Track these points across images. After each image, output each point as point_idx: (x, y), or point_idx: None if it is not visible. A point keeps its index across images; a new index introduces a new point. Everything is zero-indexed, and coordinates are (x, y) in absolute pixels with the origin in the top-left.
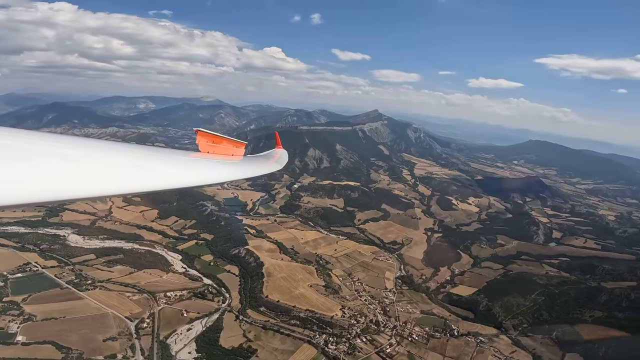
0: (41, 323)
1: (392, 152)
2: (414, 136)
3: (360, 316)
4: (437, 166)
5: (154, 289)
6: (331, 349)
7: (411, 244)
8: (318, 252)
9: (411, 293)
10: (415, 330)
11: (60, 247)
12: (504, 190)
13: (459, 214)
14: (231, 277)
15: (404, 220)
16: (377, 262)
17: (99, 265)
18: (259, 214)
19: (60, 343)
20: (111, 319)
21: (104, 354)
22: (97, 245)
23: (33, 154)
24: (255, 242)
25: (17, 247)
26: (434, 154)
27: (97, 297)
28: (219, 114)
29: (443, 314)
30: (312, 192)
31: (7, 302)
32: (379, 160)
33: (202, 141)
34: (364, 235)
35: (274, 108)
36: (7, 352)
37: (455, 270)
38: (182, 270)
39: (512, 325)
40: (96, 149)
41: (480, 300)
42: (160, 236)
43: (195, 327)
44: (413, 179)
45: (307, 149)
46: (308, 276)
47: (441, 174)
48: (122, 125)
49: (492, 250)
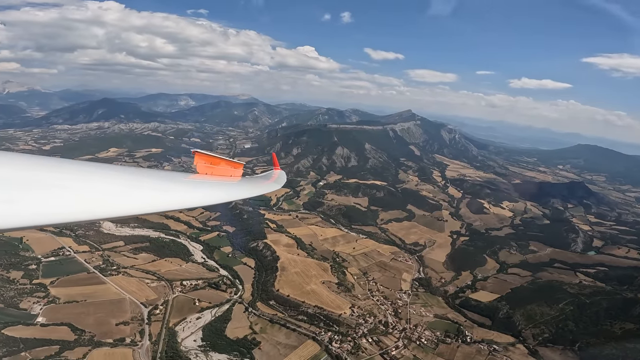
0: (63, 305)
1: (424, 152)
2: (448, 137)
3: (370, 316)
4: (471, 168)
5: (172, 277)
6: (335, 347)
7: (434, 246)
8: (336, 250)
9: (427, 296)
10: (425, 334)
11: (94, 234)
12: (543, 195)
13: (490, 217)
14: (246, 270)
15: (429, 222)
16: (395, 263)
17: (126, 252)
18: (281, 209)
19: (76, 325)
20: (127, 304)
21: (113, 337)
22: (127, 233)
23: (33, 181)
24: (274, 236)
25: (55, 232)
26: (469, 155)
27: (118, 283)
28: (253, 111)
29: (458, 319)
30: (336, 190)
31: (35, 284)
32: (409, 160)
33: (200, 162)
34: (385, 235)
35: (306, 107)
36: (26, 332)
37: (478, 275)
38: (201, 261)
39: (531, 335)
40: (98, 172)
41: (501, 307)
42: (185, 226)
43: (204, 316)
44: (444, 180)
45: (335, 147)
46: (322, 273)
47: (475, 177)
48: (163, 121)
49: (522, 256)
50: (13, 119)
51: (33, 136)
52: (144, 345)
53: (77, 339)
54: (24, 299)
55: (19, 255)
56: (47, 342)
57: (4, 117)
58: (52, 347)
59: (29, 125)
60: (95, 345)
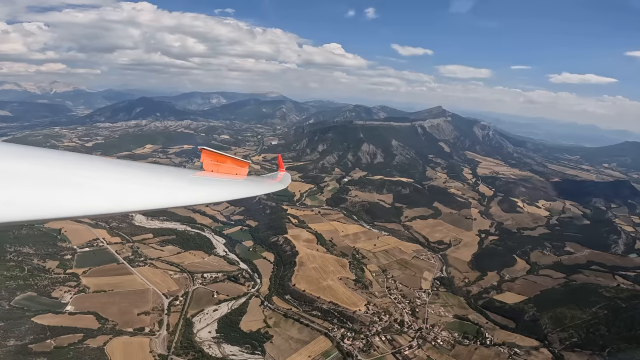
0: (91, 295)
1: (454, 149)
2: (481, 134)
3: (385, 314)
4: (505, 166)
5: (194, 269)
6: (346, 344)
7: (459, 245)
8: (356, 246)
9: (448, 296)
10: (442, 335)
11: (126, 226)
12: (585, 195)
13: (524, 217)
14: (266, 264)
15: (456, 220)
16: (416, 261)
17: (154, 244)
18: (304, 204)
19: (101, 314)
20: (150, 294)
21: (134, 327)
22: (157, 226)
23: (48, 176)
24: (295, 231)
25: (91, 224)
26: (504, 153)
27: (144, 274)
28: (281, 108)
29: (479, 320)
30: (361, 187)
31: (69, 273)
32: (438, 157)
33: (207, 160)
34: (409, 232)
35: (334, 104)
36: (54, 320)
37: (505, 276)
38: (223, 254)
39: (558, 339)
40: (104, 168)
41: (528, 309)
42: (210, 220)
43: (221, 308)
44: (474, 178)
45: (360, 144)
46: (340, 269)
47: (509, 174)
48: (195, 119)
49: (556, 257)
50: (59, 118)
51: (77, 134)
52: (161, 335)
53: (100, 327)
54: (57, 288)
55: (57, 246)
56: (72, 330)
57: (51, 116)
58: (76, 335)
59: (74, 123)
60: (116, 334)
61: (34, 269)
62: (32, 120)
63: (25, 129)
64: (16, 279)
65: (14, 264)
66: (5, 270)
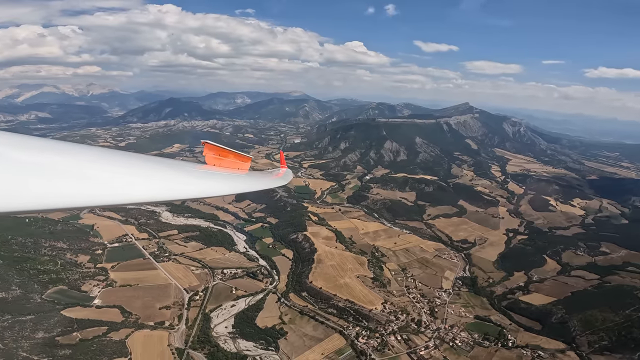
0: (118, 289)
1: (482, 146)
2: (511, 130)
3: (402, 313)
4: (537, 163)
5: (215, 265)
6: (361, 343)
7: (485, 244)
8: (376, 244)
9: (470, 296)
10: (461, 336)
11: (153, 222)
12: (624, 193)
13: (556, 216)
14: (284, 261)
15: (482, 219)
16: (438, 260)
17: (178, 240)
18: (325, 202)
19: (125, 308)
20: (172, 289)
21: (155, 320)
22: (182, 222)
23: (48, 165)
24: (314, 228)
25: (121, 220)
26: (536, 150)
27: (167, 269)
28: (304, 107)
29: (502, 322)
30: (383, 184)
31: (99, 268)
32: (464, 154)
33: (209, 154)
34: (431, 231)
35: (357, 102)
36: (81, 313)
37: (533, 277)
38: (243, 250)
39: (586, 342)
40: (105, 159)
41: (556, 311)
42: (232, 217)
43: (239, 304)
44: (503, 175)
45: (383, 142)
46: (358, 267)
47: (541, 172)
48: (221, 118)
49: (590, 258)
50: (96, 119)
51: (111, 134)
52: (180, 329)
53: (123, 320)
54: (86, 282)
55: (89, 241)
56: (98, 323)
57: (87, 117)
58: (101, 328)
59: (109, 124)
60: (138, 327)
61: (66, 263)
62: (70, 121)
63: (64, 130)
64: (49, 272)
65: (48, 258)
66: (40, 264)
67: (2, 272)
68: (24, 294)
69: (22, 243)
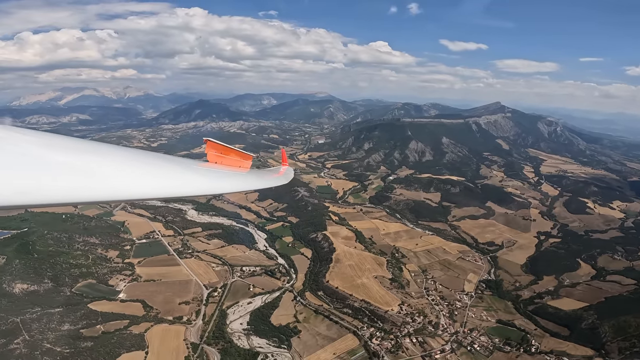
0: (142, 283)
1: (514, 146)
2: (547, 130)
3: (419, 315)
4: (575, 164)
5: (235, 262)
6: (374, 344)
7: (513, 247)
8: (396, 245)
9: (493, 299)
10: (480, 340)
11: (179, 220)
12: None
13: (594, 218)
14: (303, 260)
15: (511, 221)
16: (461, 262)
17: (202, 237)
18: (347, 202)
19: (147, 302)
20: (193, 285)
21: (174, 315)
22: (206, 220)
23: (54, 161)
24: (334, 228)
25: (150, 217)
26: (574, 150)
27: (190, 265)
28: (328, 108)
29: (527, 326)
30: (406, 185)
31: (126, 263)
32: (495, 155)
33: (211, 152)
34: (456, 232)
35: (382, 102)
36: (106, 307)
37: (564, 281)
38: (263, 249)
39: (617, 348)
40: (107, 156)
41: (587, 316)
42: (254, 216)
43: (255, 302)
44: (537, 176)
45: (408, 142)
46: (376, 267)
47: (578, 173)
48: (247, 119)
49: (629, 262)
50: (131, 120)
51: (145, 135)
52: (197, 324)
53: (144, 314)
54: (114, 276)
55: (119, 237)
56: (121, 317)
57: (124, 119)
58: (123, 321)
59: (143, 125)
60: (157, 322)
61: (97, 258)
62: (108, 123)
63: (102, 131)
64: (80, 267)
65: (81, 252)
66: (72, 258)
67: (37, 265)
68: (55, 287)
69: (57, 238)
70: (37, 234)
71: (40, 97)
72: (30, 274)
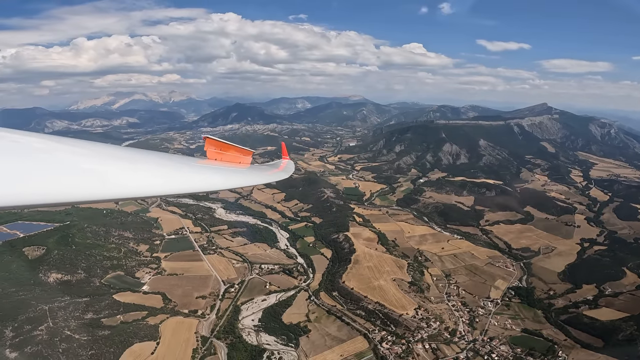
0: (165, 277)
1: (561, 149)
2: (599, 132)
3: (436, 321)
4: (630, 168)
5: (255, 260)
6: (384, 348)
7: (551, 253)
8: (420, 248)
9: (521, 307)
10: (500, 349)
11: (208, 218)
12: None
13: None
14: (322, 260)
15: (551, 227)
16: (490, 268)
17: (227, 235)
18: (373, 204)
19: (167, 295)
20: (212, 280)
21: (189, 308)
22: (233, 219)
23: (53, 160)
24: (356, 229)
25: (181, 215)
26: (630, 153)
27: (211, 261)
28: (361, 111)
29: (556, 337)
30: (437, 188)
31: (154, 257)
32: (538, 158)
33: (210, 148)
34: (487, 237)
35: (418, 105)
36: (129, 298)
37: (606, 290)
38: (284, 248)
39: None
40: (107, 155)
41: (625, 327)
42: (279, 216)
43: (269, 299)
44: (585, 181)
45: (442, 144)
46: (396, 270)
47: (632, 177)
48: (280, 122)
49: None
50: (174, 123)
51: (185, 137)
52: (210, 318)
53: (163, 307)
54: (141, 269)
55: (151, 232)
56: (140, 308)
57: (168, 122)
58: (141, 312)
59: (184, 128)
60: (173, 314)
61: (128, 251)
62: (154, 126)
63: (148, 133)
64: (112, 259)
65: (114, 246)
66: (106, 251)
67: (73, 257)
68: (86, 278)
69: (96, 231)
70: (78, 227)
71: (96, 102)
72: (66, 265)
